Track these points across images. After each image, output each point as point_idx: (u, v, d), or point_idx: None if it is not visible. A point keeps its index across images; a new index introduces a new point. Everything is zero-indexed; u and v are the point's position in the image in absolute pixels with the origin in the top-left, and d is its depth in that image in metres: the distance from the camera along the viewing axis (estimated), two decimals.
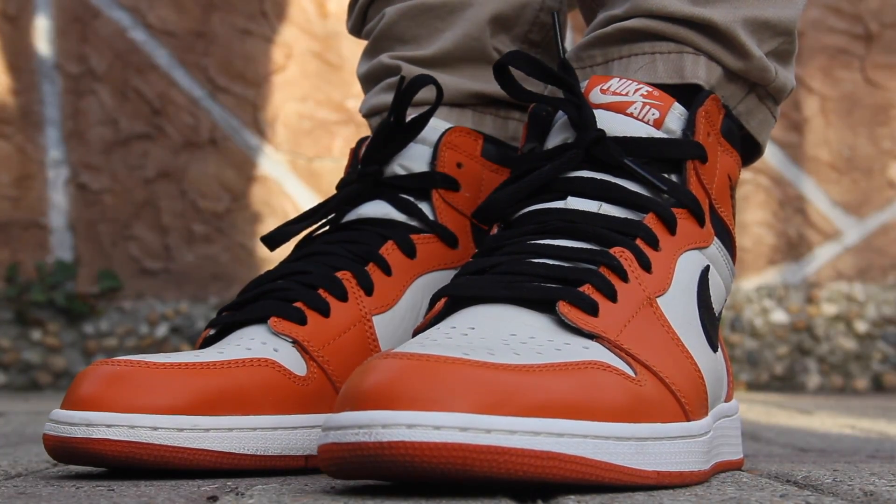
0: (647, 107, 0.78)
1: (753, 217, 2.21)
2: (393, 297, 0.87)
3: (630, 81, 0.79)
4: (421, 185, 0.90)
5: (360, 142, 0.94)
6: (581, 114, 0.77)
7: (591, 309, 0.70)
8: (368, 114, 0.96)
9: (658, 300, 0.73)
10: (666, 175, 0.78)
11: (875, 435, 1.26)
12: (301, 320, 0.82)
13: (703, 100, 0.79)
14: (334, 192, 0.92)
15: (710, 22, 0.80)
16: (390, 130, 0.89)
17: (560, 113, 0.80)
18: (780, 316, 2.20)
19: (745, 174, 2.21)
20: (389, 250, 0.87)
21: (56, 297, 2.13)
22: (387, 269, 0.87)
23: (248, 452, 0.77)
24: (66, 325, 2.15)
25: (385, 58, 0.95)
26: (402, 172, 0.90)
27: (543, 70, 0.79)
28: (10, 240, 2.18)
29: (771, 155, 2.21)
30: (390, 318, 0.86)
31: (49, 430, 0.76)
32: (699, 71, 0.81)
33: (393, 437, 0.61)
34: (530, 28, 0.95)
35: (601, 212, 0.75)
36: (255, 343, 0.81)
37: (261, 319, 0.83)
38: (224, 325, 0.85)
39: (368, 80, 0.97)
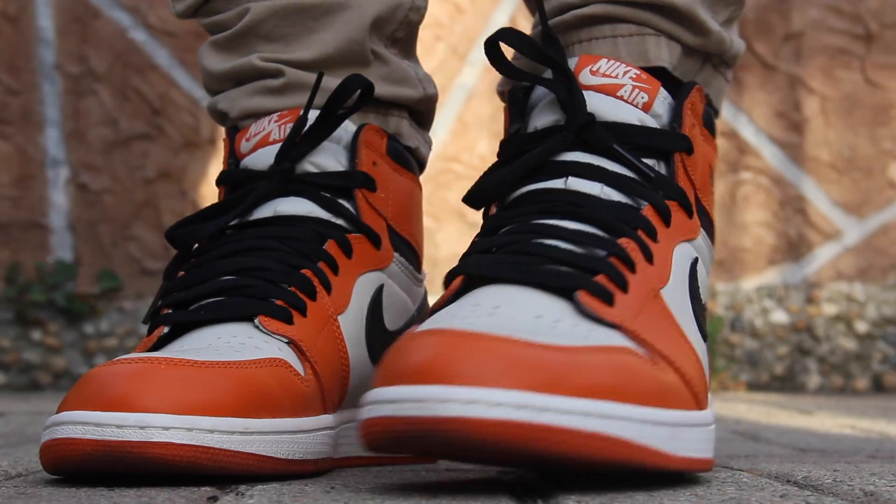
0: (637, 90, 0.78)
1: (753, 217, 2.21)
2: (346, 297, 0.84)
3: (619, 63, 0.79)
4: (344, 183, 0.87)
5: (233, 133, 0.90)
6: (572, 96, 0.77)
7: (609, 298, 0.70)
8: (241, 116, 0.92)
9: (661, 292, 0.74)
10: (653, 163, 0.78)
11: (875, 435, 1.26)
12: (288, 319, 0.79)
13: (688, 92, 0.80)
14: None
15: (670, 4, 0.81)
16: (310, 129, 0.86)
17: (543, 92, 0.80)
18: (780, 316, 2.20)
19: (745, 174, 2.21)
20: (333, 249, 0.84)
21: (56, 297, 2.13)
22: (335, 269, 0.84)
23: (282, 456, 0.74)
24: (66, 325, 2.15)
25: (256, 59, 0.91)
26: (315, 170, 0.87)
27: (534, 48, 0.78)
28: (10, 240, 2.18)
29: (771, 155, 2.21)
30: (349, 319, 0.84)
31: (86, 433, 0.69)
32: (662, 53, 0.81)
33: (452, 413, 0.60)
34: (398, 27, 0.94)
35: (602, 195, 0.75)
36: (256, 342, 0.78)
37: (243, 318, 0.79)
38: (179, 324, 0.80)
39: (229, 79, 0.93)
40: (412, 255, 0.93)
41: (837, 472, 0.77)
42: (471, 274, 0.72)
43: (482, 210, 0.81)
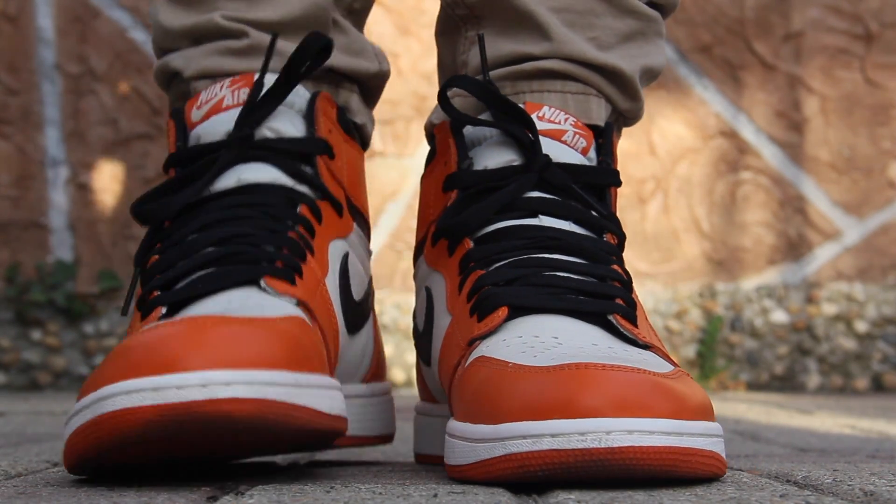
0: (578, 136, 0.85)
1: (753, 217, 2.21)
2: (325, 262, 0.82)
3: (558, 111, 0.86)
4: (306, 149, 0.84)
5: (178, 115, 0.87)
6: (535, 139, 0.83)
7: (633, 320, 0.77)
8: (197, 76, 0.89)
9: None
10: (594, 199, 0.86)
11: (875, 435, 1.26)
12: (291, 280, 0.76)
13: (611, 132, 0.88)
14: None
15: (618, 70, 0.89)
16: (268, 92, 0.84)
17: (485, 132, 0.85)
18: (780, 316, 2.20)
19: (745, 174, 2.21)
20: (306, 213, 0.82)
21: (56, 297, 2.13)
22: (312, 233, 0.81)
23: (326, 410, 0.70)
24: (66, 325, 2.15)
25: (219, 17, 0.89)
26: (272, 136, 0.84)
27: (491, 94, 0.83)
28: (10, 240, 2.18)
29: (771, 155, 2.21)
30: (330, 285, 0.82)
31: (144, 400, 0.63)
32: (602, 113, 0.89)
33: (622, 443, 0.65)
34: None
35: (572, 229, 0.82)
36: (272, 302, 0.74)
37: (246, 282, 0.75)
38: (175, 303, 0.76)
39: (187, 37, 0.91)
40: (365, 226, 0.92)
41: (837, 472, 0.77)
42: (513, 305, 0.77)
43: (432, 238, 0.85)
